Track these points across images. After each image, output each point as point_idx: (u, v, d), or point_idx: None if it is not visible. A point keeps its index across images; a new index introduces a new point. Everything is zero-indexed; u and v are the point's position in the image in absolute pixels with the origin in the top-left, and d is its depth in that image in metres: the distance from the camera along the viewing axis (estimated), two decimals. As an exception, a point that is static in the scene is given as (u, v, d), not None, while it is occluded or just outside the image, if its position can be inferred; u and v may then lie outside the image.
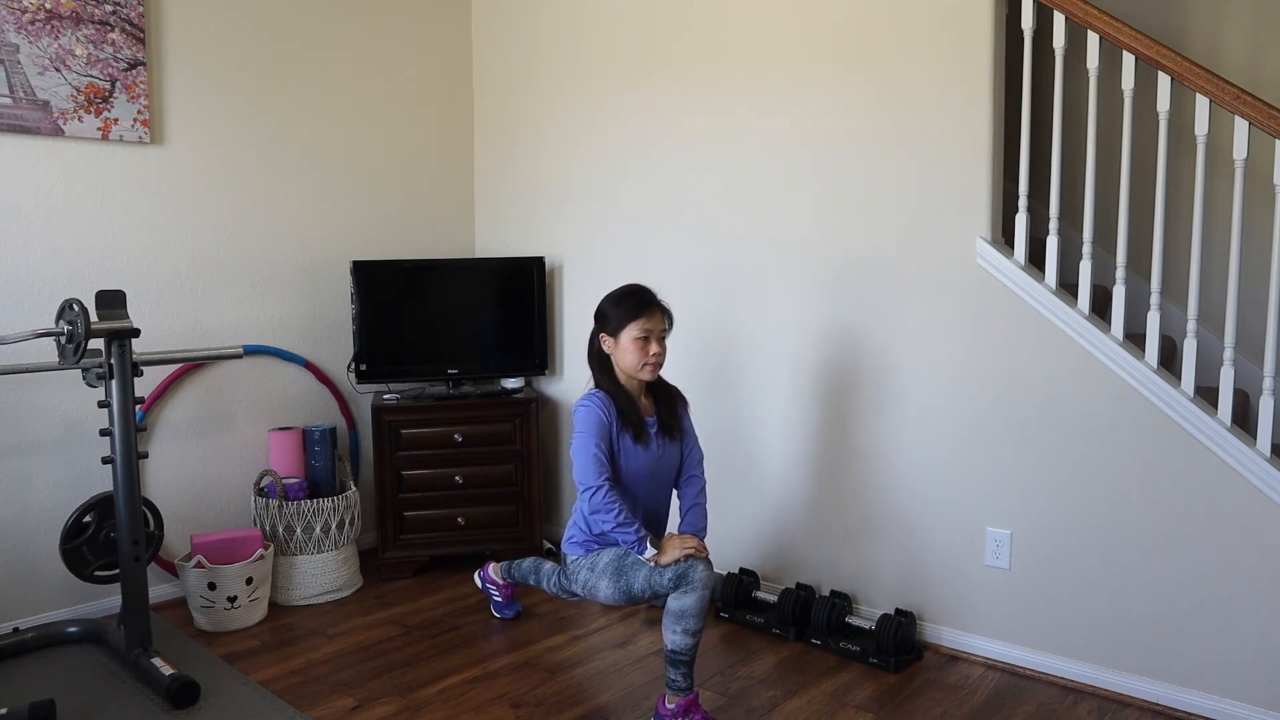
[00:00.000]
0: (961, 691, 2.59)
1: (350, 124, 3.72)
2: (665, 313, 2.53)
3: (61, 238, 3.01)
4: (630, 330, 2.46)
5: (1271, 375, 2.30)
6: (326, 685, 2.64)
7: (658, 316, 2.50)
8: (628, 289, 2.53)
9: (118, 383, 2.59)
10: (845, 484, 3.04)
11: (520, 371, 3.72)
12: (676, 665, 2.34)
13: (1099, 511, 2.54)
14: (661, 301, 2.53)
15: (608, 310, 2.51)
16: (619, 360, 2.50)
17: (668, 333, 2.53)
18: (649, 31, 3.44)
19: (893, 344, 2.89)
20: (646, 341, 2.47)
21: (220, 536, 3.09)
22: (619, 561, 2.41)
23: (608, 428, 2.44)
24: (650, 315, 2.48)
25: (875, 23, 2.85)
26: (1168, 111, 2.41)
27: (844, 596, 2.97)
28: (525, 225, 3.97)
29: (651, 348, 2.48)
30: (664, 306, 2.53)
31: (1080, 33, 3.26)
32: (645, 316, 2.47)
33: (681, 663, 2.33)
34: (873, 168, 2.89)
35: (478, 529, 3.57)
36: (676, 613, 2.31)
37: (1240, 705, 2.36)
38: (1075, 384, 2.56)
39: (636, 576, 2.37)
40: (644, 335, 2.46)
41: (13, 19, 2.85)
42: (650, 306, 2.49)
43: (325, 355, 3.71)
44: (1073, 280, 3.31)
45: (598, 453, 2.41)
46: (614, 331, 2.49)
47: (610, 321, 2.50)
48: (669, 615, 2.33)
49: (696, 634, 2.32)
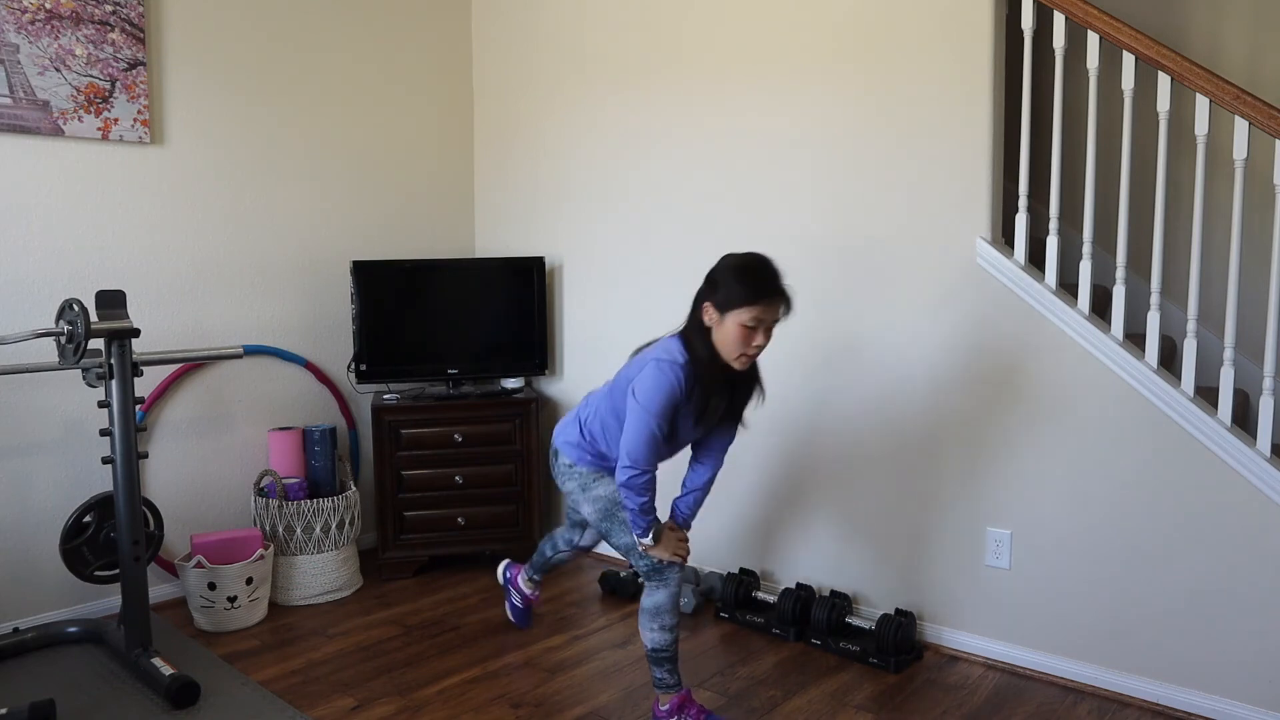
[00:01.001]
0: (961, 691, 2.59)
1: (350, 124, 3.72)
2: (786, 300, 2.17)
3: (61, 238, 3.01)
4: (740, 314, 2.13)
5: (1271, 375, 2.30)
6: (326, 685, 2.64)
7: (776, 306, 2.15)
8: (753, 262, 2.17)
9: (118, 383, 2.58)
10: (845, 484, 3.04)
11: (520, 371, 3.72)
12: (660, 663, 2.34)
13: (1099, 511, 2.54)
14: (785, 287, 2.18)
15: (722, 281, 2.17)
16: (716, 337, 2.19)
17: (781, 320, 2.21)
18: (649, 32, 3.44)
19: (893, 343, 2.89)
20: (753, 331, 2.15)
21: (220, 536, 3.09)
22: (609, 505, 2.34)
23: (677, 408, 2.20)
24: (769, 305, 2.14)
25: (875, 23, 2.85)
26: (1168, 111, 2.41)
27: (844, 596, 2.96)
28: (525, 225, 3.97)
29: (756, 339, 2.16)
30: (787, 294, 2.17)
31: (1080, 33, 3.26)
32: (764, 305, 2.13)
33: (664, 659, 2.33)
34: (873, 167, 2.89)
35: (478, 529, 3.57)
36: (651, 610, 2.32)
37: (1240, 705, 2.36)
38: (1075, 384, 2.56)
39: (620, 536, 2.34)
40: (754, 324, 2.14)
41: (13, 19, 2.85)
42: (772, 296, 2.14)
43: (325, 355, 3.71)
44: (1073, 280, 3.31)
45: (658, 434, 2.18)
46: (721, 307, 2.16)
47: (720, 294, 2.16)
48: (644, 614, 2.34)
49: (673, 629, 2.32)
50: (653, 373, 2.17)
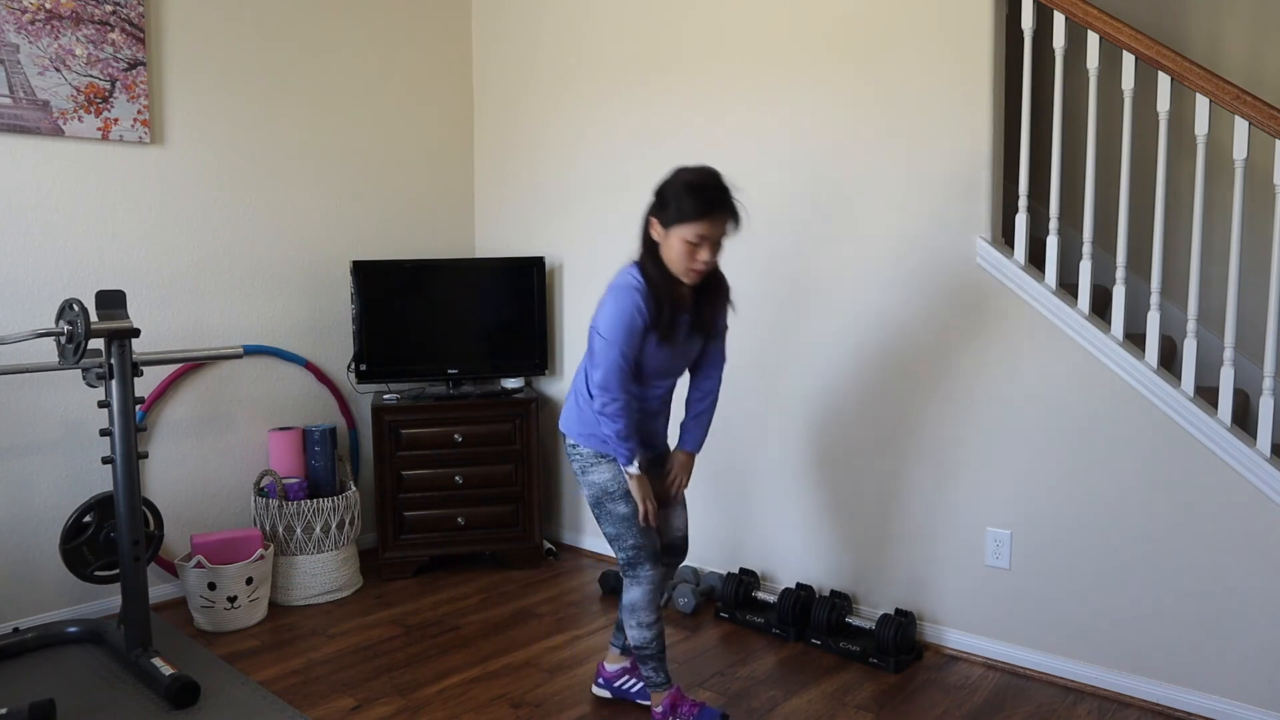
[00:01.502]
0: (961, 691, 2.59)
1: (350, 124, 3.72)
2: (734, 215, 2.12)
3: (61, 238, 3.01)
4: (683, 230, 2.09)
5: (1271, 375, 2.30)
6: (326, 685, 2.64)
7: (721, 222, 2.10)
8: (700, 178, 2.11)
9: (118, 383, 2.59)
10: (845, 484, 3.04)
11: (520, 371, 3.72)
12: (645, 661, 2.35)
13: (1099, 511, 2.54)
14: (734, 201, 2.12)
15: (668, 197, 2.13)
16: (664, 254, 2.16)
17: (729, 236, 2.16)
18: (649, 32, 3.44)
19: (893, 344, 2.89)
20: (698, 247, 2.11)
21: (220, 536, 3.09)
22: (601, 494, 2.32)
23: (639, 332, 2.16)
24: (714, 220, 2.08)
25: (875, 23, 2.85)
26: (1168, 111, 2.41)
27: (844, 596, 2.96)
28: (525, 225, 3.97)
29: (701, 254, 2.12)
30: (735, 208, 2.12)
31: (1080, 33, 3.26)
32: (708, 221, 2.08)
33: (649, 657, 2.34)
34: (873, 168, 2.89)
35: (478, 529, 3.57)
36: (628, 607, 2.33)
37: (1240, 705, 2.36)
38: (1075, 384, 2.56)
39: (607, 525, 2.33)
40: (697, 241, 2.10)
41: (13, 19, 2.85)
42: (716, 210, 2.09)
43: (325, 355, 3.71)
44: (1073, 280, 3.31)
45: (623, 363, 2.16)
46: (667, 223, 2.12)
47: (667, 210, 2.12)
48: (623, 610, 2.35)
49: (651, 625, 2.32)
50: (609, 301, 2.16)
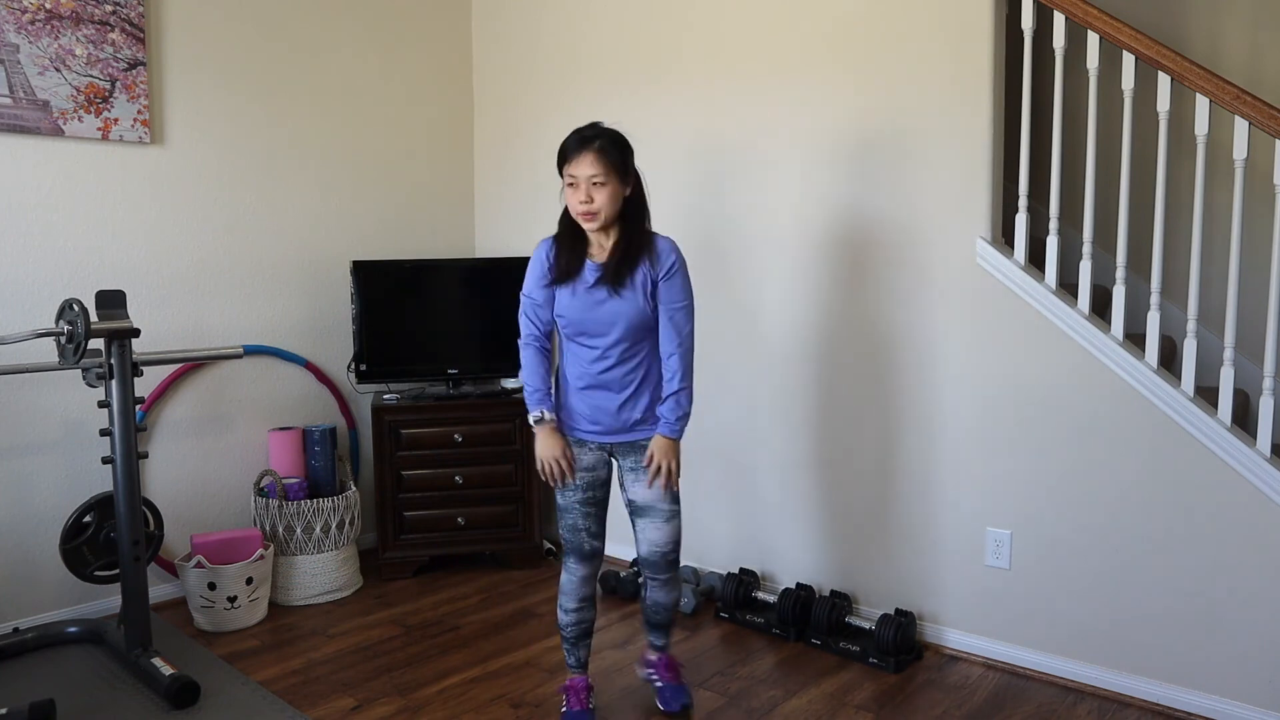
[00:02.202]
0: (961, 691, 2.59)
1: (350, 124, 3.72)
2: (603, 156, 2.19)
3: (61, 238, 3.01)
4: (564, 175, 2.23)
5: (1271, 375, 2.30)
6: (326, 685, 2.64)
7: (587, 162, 2.18)
8: (576, 130, 2.24)
9: (118, 383, 2.59)
10: (845, 484, 3.04)
11: (520, 371, 3.71)
12: (562, 641, 2.50)
13: (1099, 511, 2.54)
14: (605, 143, 2.20)
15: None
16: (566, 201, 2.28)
17: (610, 180, 2.20)
18: (649, 32, 3.44)
19: (893, 344, 2.89)
20: (574, 189, 2.21)
21: (220, 536, 3.09)
22: (559, 494, 2.39)
23: (543, 275, 2.31)
24: (577, 161, 2.19)
25: (875, 22, 2.85)
26: (1168, 111, 2.41)
27: (844, 596, 2.97)
28: (525, 225, 3.97)
29: (578, 196, 2.21)
30: (605, 148, 2.19)
31: (1080, 33, 3.26)
32: (573, 161, 2.20)
33: (563, 639, 2.47)
34: (872, 168, 2.89)
35: (478, 529, 3.57)
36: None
37: (1240, 705, 2.36)
38: (1075, 384, 2.56)
39: (560, 520, 2.40)
40: (571, 182, 2.21)
41: (13, 19, 2.85)
42: (577, 150, 2.20)
43: (325, 355, 3.71)
44: (1073, 280, 3.31)
45: (527, 303, 2.34)
46: (560, 171, 2.27)
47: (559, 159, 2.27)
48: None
49: (569, 611, 2.41)
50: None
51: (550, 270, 2.31)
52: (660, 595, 2.46)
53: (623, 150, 2.24)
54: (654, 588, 2.45)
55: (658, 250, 2.29)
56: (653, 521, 2.35)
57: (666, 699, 2.48)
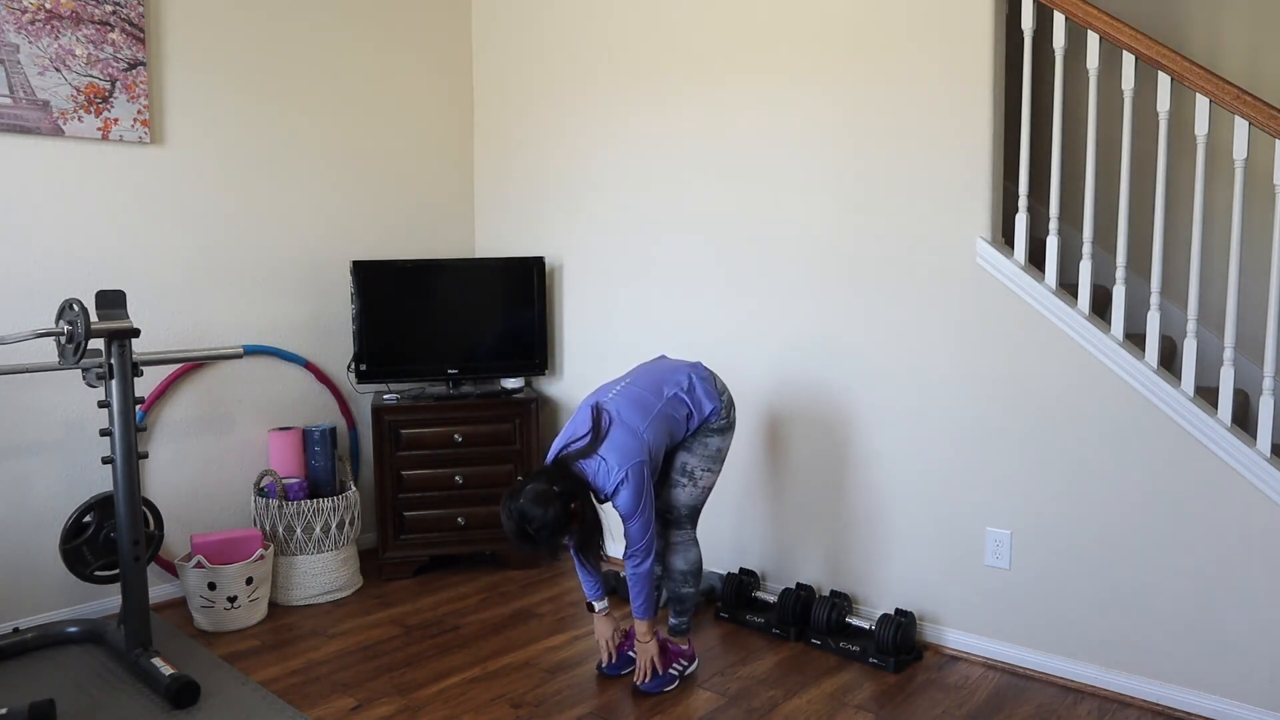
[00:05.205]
0: (961, 691, 2.59)
1: (350, 124, 3.72)
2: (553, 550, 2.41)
3: (61, 238, 3.01)
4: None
5: (1271, 375, 2.30)
6: (326, 685, 2.64)
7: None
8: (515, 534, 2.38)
9: (118, 383, 2.59)
10: (845, 484, 3.04)
11: (520, 371, 3.72)
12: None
13: (1099, 511, 2.54)
14: (545, 549, 2.38)
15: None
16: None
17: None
18: (650, 32, 3.44)
19: (893, 343, 2.89)
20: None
21: (220, 536, 3.09)
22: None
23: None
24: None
25: (875, 24, 2.85)
26: (1168, 111, 2.41)
27: (844, 596, 2.97)
28: (525, 225, 3.97)
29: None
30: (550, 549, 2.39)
31: (1080, 33, 3.26)
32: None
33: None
34: (873, 168, 2.89)
35: (478, 529, 3.57)
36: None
37: (1240, 705, 2.36)
38: (1075, 384, 2.56)
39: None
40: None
41: (13, 19, 2.85)
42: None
43: (325, 355, 3.71)
44: (1073, 280, 3.31)
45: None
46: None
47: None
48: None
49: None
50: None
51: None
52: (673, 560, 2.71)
53: (553, 532, 2.34)
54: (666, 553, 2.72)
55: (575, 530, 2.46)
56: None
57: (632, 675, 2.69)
